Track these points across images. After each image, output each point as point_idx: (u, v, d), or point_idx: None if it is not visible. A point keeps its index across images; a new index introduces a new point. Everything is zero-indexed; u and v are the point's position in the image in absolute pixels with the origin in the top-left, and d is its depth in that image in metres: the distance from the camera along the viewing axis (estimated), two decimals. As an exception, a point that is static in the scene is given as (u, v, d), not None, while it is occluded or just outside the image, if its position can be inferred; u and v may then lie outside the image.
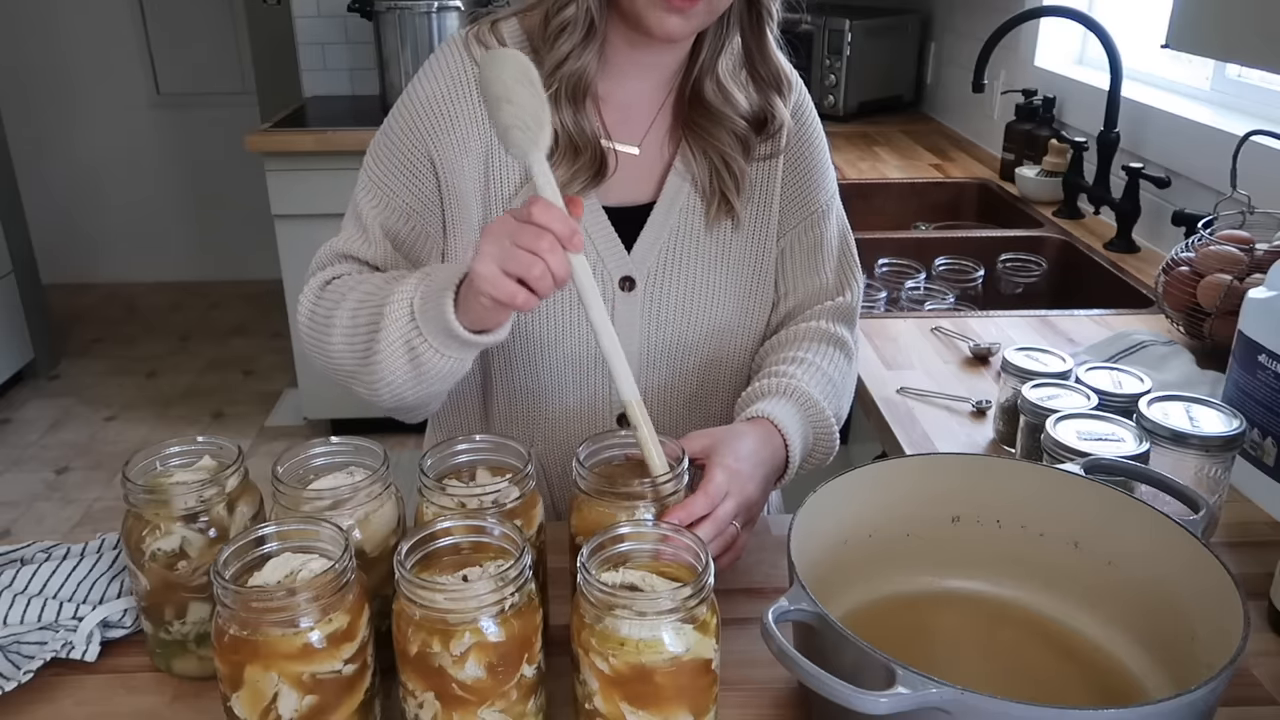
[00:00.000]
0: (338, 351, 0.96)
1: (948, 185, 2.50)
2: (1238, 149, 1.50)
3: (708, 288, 1.07)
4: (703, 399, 1.12)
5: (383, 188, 1.03)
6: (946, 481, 0.89)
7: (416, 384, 0.92)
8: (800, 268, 1.11)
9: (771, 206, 1.09)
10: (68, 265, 4.40)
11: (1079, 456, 0.93)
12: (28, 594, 0.87)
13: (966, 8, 2.93)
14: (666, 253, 1.06)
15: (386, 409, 0.98)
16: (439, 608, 0.65)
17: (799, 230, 1.11)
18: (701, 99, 1.03)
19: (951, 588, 0.89)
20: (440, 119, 1.01)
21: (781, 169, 1.09)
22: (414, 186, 1.02)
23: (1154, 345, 1.41)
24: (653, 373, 1.08)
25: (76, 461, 3.18)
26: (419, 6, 2.97)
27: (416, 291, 0.89)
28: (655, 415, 1.09)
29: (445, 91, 1.01)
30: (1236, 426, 0.98)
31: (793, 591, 0.70)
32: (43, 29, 4.18)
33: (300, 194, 2.88)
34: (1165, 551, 0.79)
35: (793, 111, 1.09)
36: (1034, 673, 0.82)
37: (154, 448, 0.83)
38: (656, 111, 1.06)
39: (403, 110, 1.04)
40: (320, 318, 0.98)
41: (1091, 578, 0.85)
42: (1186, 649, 0.75)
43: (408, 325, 0.89)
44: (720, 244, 1.07)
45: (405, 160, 1.02)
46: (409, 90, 1.04)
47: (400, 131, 1.03)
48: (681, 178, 1.06)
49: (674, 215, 1.06)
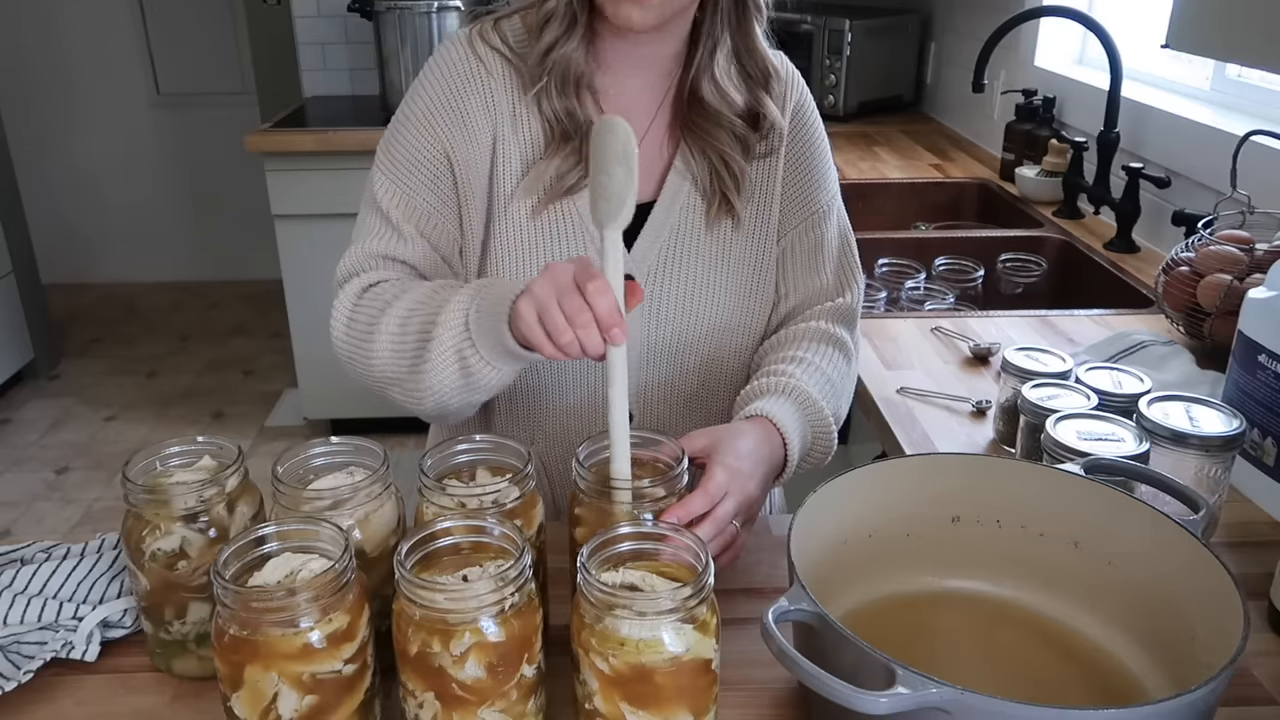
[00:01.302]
0: (382, 358, 0.96)
1: (948, 185, 2.50)
2: (1238, 149, 1.50)
3: (708, 286, 1.08)
4: (703, 397, 1.12)
5: (403, 188, 1.03)
6: (946, 481, 0.89)
7: (463, 393, 0.93)
8: (801, 268, 1.12)
9: (772, 206, 1.10)
10: (67, 265, 4.40)
11: (1079, 456, 0.93)
12: (28, 594, 0.87)
13: (966, 8, 2.93)
14: (667, 251, 1.06)
15: (423, 414, 0.99)
16: (439, 608, 0.65)
17: (800, 230, 1.11)
18: (699, 99, 1.04)
19: (951, 588, 0.89)
20: (453, 115, 1.02)
21: (782, 169, 1.10)
22: (434, 185, 1.03)
23: (1154, 345, 1.41)
24: (652, 370, 1.08)
25: (76, 461, 3.18)
26: (419, 6, 2.97)
27: (473, 304, 0.90)
28: (655, 413, 1.10)
29: (456, 88, 1.02)
30: (1236, 426, 0.98)
31: (793, 591, 0.70)
32: (43, 29, 4.18)
33: (300, 194, 2.88)
34: (1165, 551, 0.79)
35: (795, 111, 1.10)
36: (1034, 673, 0.82)
37: (154, 448, 0.83)
38: (655, 110, 1.07)
39: (413, 110, 1.04)
40: (361, 325, 0.98)
41: (1091, 578, 0.85)
42: (1186, 649, 0.75)
43: (461, 336, 0.89)
44: (720, 243, 1.08)
45: (423, 160, 1.03)
46: (416, 90, 1.05)
47: (414, 131, 1.03)
48: (681, 177, 1.06)
49: (674, 214, 1.06)
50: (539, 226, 1.04)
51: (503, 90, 1.03)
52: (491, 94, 1.03)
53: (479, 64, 1.03)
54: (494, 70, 1.03)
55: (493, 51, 1.03)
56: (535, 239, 1.04)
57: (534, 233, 1.04)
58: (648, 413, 1.10)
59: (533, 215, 1.03)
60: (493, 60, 1.03)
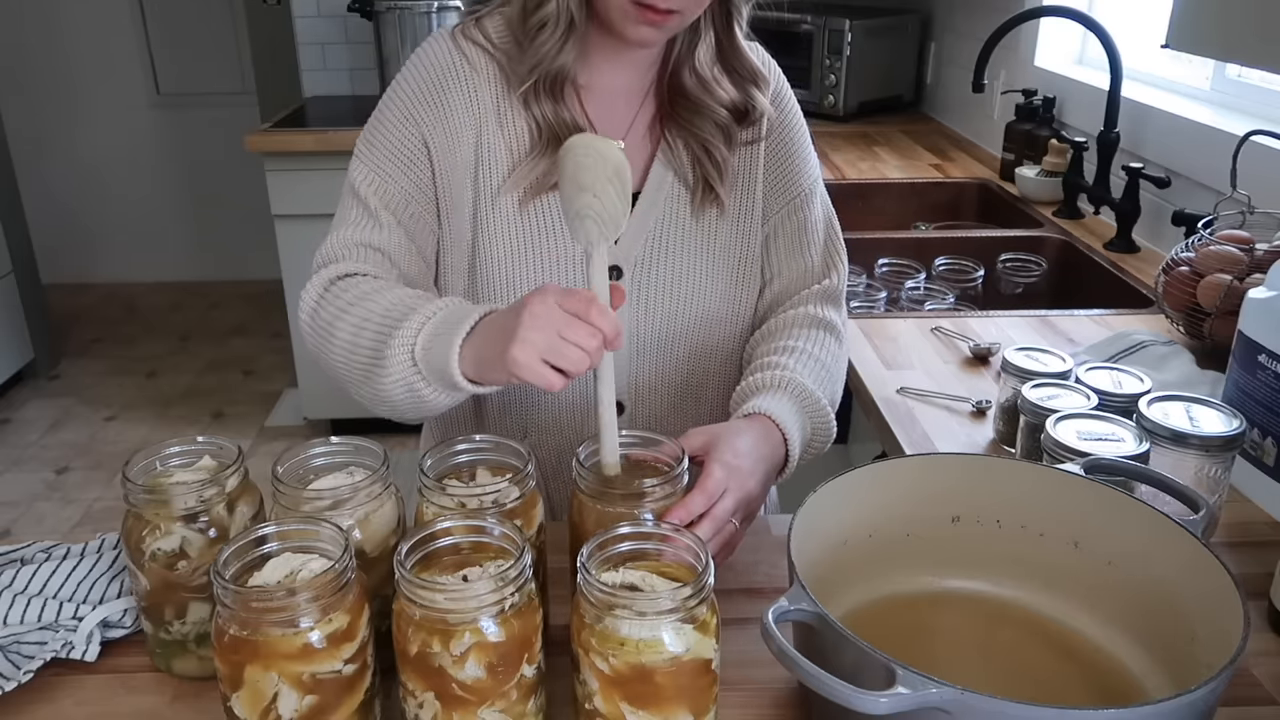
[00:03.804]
0: (337, 362, 0.97)
1: (948, 185, 2.50)
2: (1238, 149, 1.50)
3: (695, 275, 1.08)
4: (693, 386, 1.12)
5: (381, 174, 1.03)
6: (946, 481, 0.89)
7: (415, 410, 0.94)
8: (786, 251, 1.12)
9: (755, 192, 1.10)
10: (67, 265, 4.40)
11: (1079, 456, 0.93)
12: (28, 594, 0.87)
13: (966, 8, 2.93)
14: (653, 240, 1.06)
15: (382, 415, 1.00)
16: (439, 608, 0.65)
17: (783, 214, 1.12)
18: (682, 89, 1.05)
19: (951, 588, 0.89)
20: (434, 108, 1.02)
21: (764, 155, 1.10)
22: (411, 173, 1.03)
23: (1154, 345, 1.41)
24: (642, 362, 1.09)
25: (76, 461, 3.18)
26: (419, 6, 2.97)
27: (419, 336, 0.89)
28: (646, 404, 1.11)
29: (437, 80, 1.03)
30: (1236, 426, 0.98)
31: (793, 591, 0.70)
32: (43, 29, 4.18)
33: (300, 194, 2.88)
34: (1165, 551, 0.79)
35: (773, 98, 1.10)
36: (1034, 673, 0.82)
37: (154, 448, 0.83)
38: (640, 102, 1.07)
39: (394, 101, 1.04)
40: (323, 322, 0.98)
41: (1092, 578, 0.85)
42: (1186, 649, 0.75)
43: (409, 369, 0.89)
44: (706, 232, 1.08)
45: (401, 147, 1.03)
46: (399, 82, 1.05)
47: (394, 121, 1.03)
48: (665, 167, 1.07)
49: (659, 204, 1.07)
50: (527, 221, 1.04)
51: (487, 86, 1.03)
52: (475, 90, 1.03)
53: (463, 59, 1.03)
54: (478, 66, 1.03)
55: (477, 48, 1.03)
56: (523, 233, 1.04)
57: (522, 227, 1.04)
58: (639, 405, 1.10)
59: (520, 210, 1.03)
60: (477, 56, 1.03)
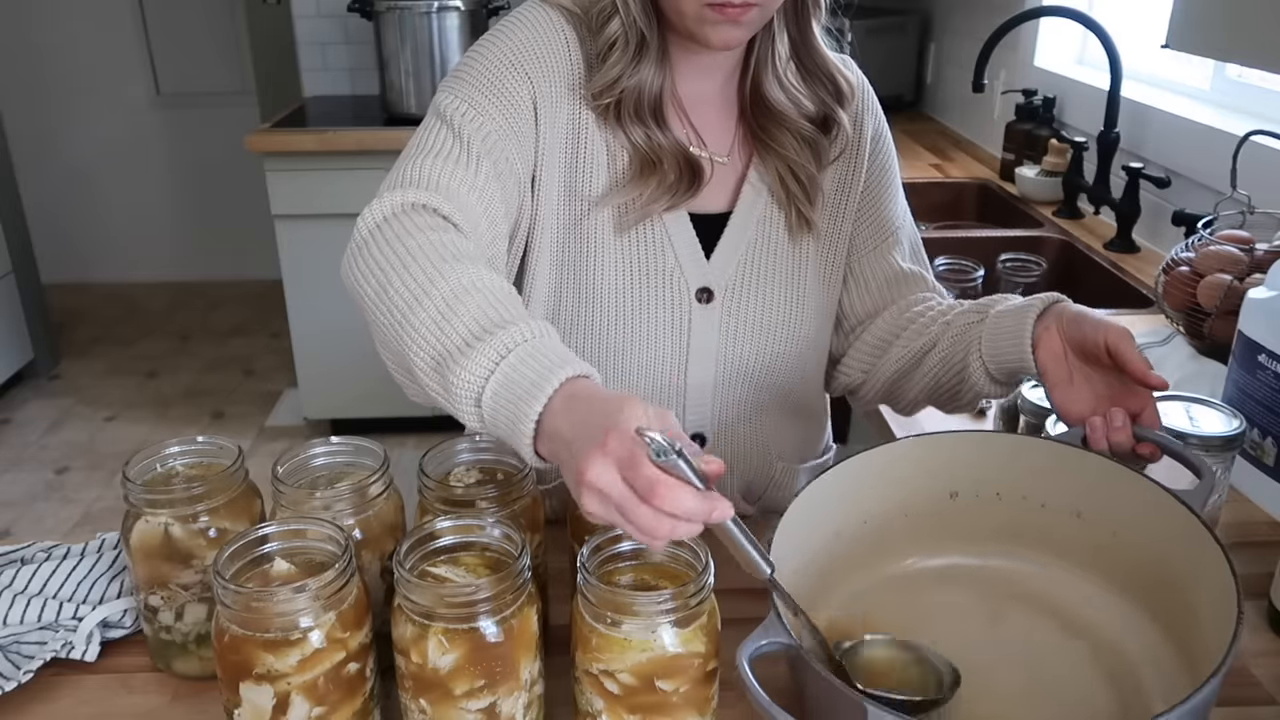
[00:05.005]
0: (367, 308, 0.77)
1: (948, 185, 2.50)
2: (1238, 149, 1.50)
3: (786, 304, 1.03)
4: (777, 420, 1.09)
5: (475, 106, 0.89)
6: (940, 458, 0.87)
7: (423, 398, 0.76)
8: (874, 296, 1.09)
9: (844, 220, 1.06)
10: (67, 265, 4.39)
11: (1079, 456, 0.93)
12: (28, 594, 0.87)
13: (966, 8, 2.93)
14: (745, 265, 1.01)
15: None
16: (438, 608, 0.65)
17: (873, 255, 1.08)
18: (763, 98, 0.99)
19: (953, 564, 0.88)
20: (542, 65, 0.92)
21: (860, 189, 1.06)
22: (510, 114, 0.90)
23: (1154, 346, 1.41)
24: (728, 391, 1.04)
25: (76, 461, 3.18)
26: (419, 6, 2.97)
27: (487, 385, 0.67)
28: (728, 433, 1.06)
29: (546, 41, 0.93)
30: (1236, 426, 0.98)
31: (768, 621, 0.67)
32: (43, 29, 4.18)
33: (300, 194, 2.87)
34: (1164, 524, 0.78)
35: (874, 135, 1.07)
36: (1039, 650, 0.81)
37: (154, 448, 0.83)
38: (736, 113, 1.02)
39: (497, 48, 0.92)
40: (373, 257, 0.77)
41: (1095, 549, 0.83)
42: (1192, 622, 0.74)
43: (471, 411, 0.69)
44: (799, 257, 1.04)
45: (504, 87, 0.90)
46: (500, 35, 0.93)
47: (498, 64, 0.91)
48: (756, 189, 1.01)
49: (751, 226, 1.01)
50: (623, 238, 0.98)
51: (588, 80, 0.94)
52: (579, 68, 0.94)
53: (568, 28, 0.94)
54: (585, 44, 0.94)
55: (582, 26, 0.94)
56: (620, 247, 0.98)
57: (619, 243, 0.98)
58: (723, 435, 1.06)
59: (617, 231, 0.97)
60: (584, 33, 0.94)
